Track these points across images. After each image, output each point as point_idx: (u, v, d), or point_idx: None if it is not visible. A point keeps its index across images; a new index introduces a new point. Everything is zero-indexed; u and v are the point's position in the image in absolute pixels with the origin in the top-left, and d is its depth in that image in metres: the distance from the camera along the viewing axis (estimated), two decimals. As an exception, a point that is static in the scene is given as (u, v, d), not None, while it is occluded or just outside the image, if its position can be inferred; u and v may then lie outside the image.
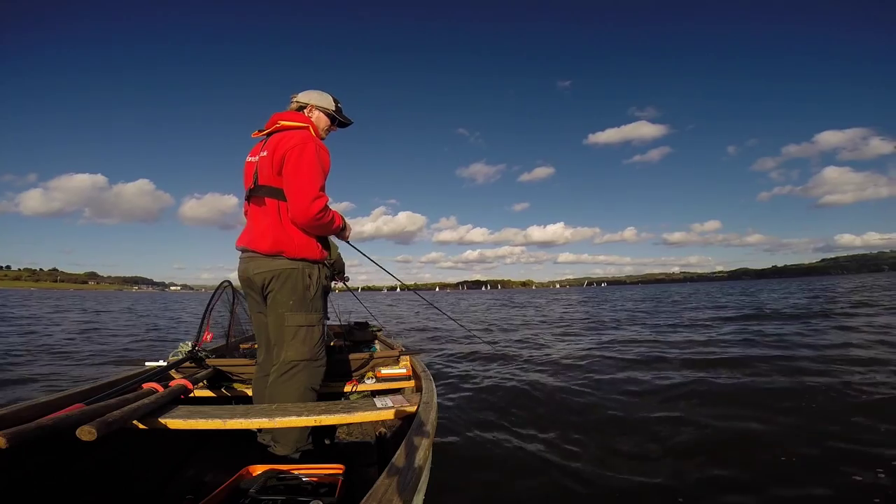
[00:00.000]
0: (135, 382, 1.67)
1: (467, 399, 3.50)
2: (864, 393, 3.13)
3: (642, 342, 6.25)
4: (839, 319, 8.01)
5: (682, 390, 3.48)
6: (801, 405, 2.95)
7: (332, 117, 1.94)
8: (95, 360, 5.59)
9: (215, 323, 2.69)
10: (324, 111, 1.91)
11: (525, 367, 4.71)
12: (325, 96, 1.92)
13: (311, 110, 1.88)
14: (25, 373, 4.61)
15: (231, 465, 1.60)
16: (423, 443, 1.07)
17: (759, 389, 3.40)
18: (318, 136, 1.86)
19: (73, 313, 15.69)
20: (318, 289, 1.79)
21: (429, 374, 1.95)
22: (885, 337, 5.66)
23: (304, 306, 1.73)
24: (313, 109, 1.89)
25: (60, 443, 1.30)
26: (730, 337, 6.35)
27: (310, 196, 1.62)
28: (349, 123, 2.04)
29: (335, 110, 1.93)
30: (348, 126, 2.06)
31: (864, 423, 2.57)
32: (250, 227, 1.79)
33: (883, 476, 1.95)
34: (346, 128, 2.07)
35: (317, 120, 1.88)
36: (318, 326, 1.78)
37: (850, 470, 2.01)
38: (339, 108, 1.96)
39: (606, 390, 3.59)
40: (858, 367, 3.95)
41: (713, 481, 2.00)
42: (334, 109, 1.93)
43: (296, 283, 1.71)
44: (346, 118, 2.00)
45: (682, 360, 4.63)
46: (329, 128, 1.95)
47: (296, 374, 1.70)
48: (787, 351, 4.90)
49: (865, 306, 10.54)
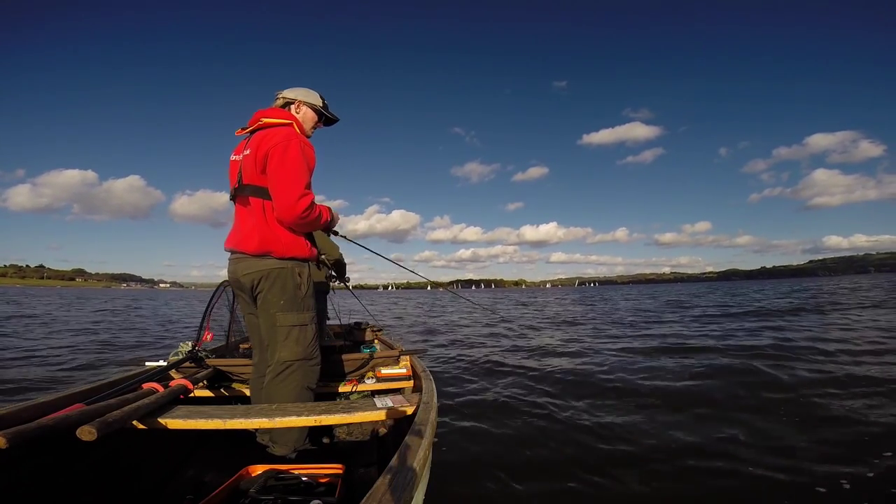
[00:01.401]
0: (135, 382, 1.67)
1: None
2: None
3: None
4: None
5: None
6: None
7: (320, 113, 1.90)
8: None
9: (215, 323, 2.69)
10: (311, 107, 1.86)
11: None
12: (311, 93, 1.88)
13: (299, 106, 1.84)
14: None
15: (231, 465, 1.60)
16: (423, 443, 1.07)
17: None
18: (304, 132, 1.82)
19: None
20: (309, 287, 1.76)
21: (429, 374, 1.95)
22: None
23: (296, 306, 1.71)
24: (301, 105, 1.84)
25: (60, 443, 1.30)
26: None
27: (295, 194, 1.57)
28: (336, 120, 2.00)
29: (322, 106, 1.89)
30: (335, 123, 2.02)
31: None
32: (237, 228, 1.75)
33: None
34: (333, 125, 2.03)
35: (303, 116, 1.85)
36: (311, 325, 1.76)
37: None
38: (326, 104, 1.92)
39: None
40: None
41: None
42: (321, 105, 1.89)
43: (285, 282, 1.68)
44: (332, 115, 1.96)
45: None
46: (316, 124, 1.92)
47: (291, 374, 1.69)
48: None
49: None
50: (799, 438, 2.44)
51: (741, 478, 2.03)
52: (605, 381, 3.89)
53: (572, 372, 4.34)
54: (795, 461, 2.16)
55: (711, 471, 2.10)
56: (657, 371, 4.25)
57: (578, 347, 6.07)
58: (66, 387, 1.70)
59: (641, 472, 2.11)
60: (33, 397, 1.44)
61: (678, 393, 3.48)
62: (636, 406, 3.17)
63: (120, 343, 7.23)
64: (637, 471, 2.11)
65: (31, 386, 3.94)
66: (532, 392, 3.63)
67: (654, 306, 15.60)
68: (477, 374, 4.50)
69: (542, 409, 3.17)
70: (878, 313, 9.20)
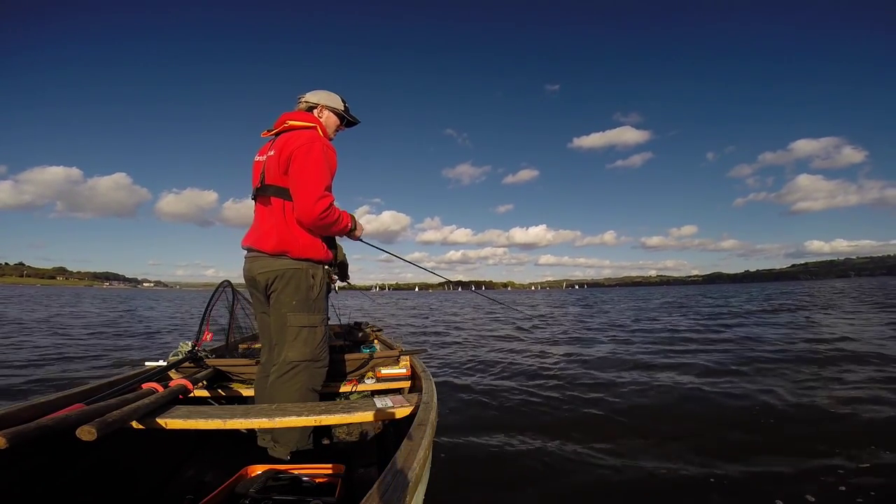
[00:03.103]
0: (135, 382, 1.67)
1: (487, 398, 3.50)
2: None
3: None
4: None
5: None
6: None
7: (342, 117, 1.94)
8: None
9: (214, 323, 2.68)
10: (333, 111, 1.91)
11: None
12: (333, 96, 1.92)
13: (322, 111, 1.88)
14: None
15: (231, 465, 1.60)
16: (423, 443, 1.07)
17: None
18: (327, 136, 1.86)
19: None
20: (322, 289, 1.78)
21: (429, 374, 1.95)
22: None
23: (307, 307, 1.72)
24: (323, 110, 1.88)
25: (60, 443, 1.30)
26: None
27: (315, 195, 1.61)
28: (357, 122, 2.04)
29: (344, 110, 1.93)
30: (356, 125, 2.06)
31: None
32: (256, 227, 1.79)
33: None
34: (354, 127, 2.07)
35: (326, 120, 1.88)
36: (321, 327, 1.77)
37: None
38: (347, 107, 1.96)
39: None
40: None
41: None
42: (343, 109, 1.93)
43: (299, 283, 1.70)
44: (354, 117, 2.00)
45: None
46: (338, 127, 1.96)
47: (296, 374, 1.69)
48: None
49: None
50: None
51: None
52: (593, 377, 3.90)
53: (577, 374, 4.34)
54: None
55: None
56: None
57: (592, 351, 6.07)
58: (65, 387, 1.70)
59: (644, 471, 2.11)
60: (33, 397, 1.44)
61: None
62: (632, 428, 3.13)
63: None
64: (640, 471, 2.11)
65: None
66: (539, 393, 3.63)
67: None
68: (476, 374, 4.50)
69: (542, 409, 3.17)
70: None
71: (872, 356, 4.58)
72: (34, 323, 10.00)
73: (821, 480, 1.96)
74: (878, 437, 2.42)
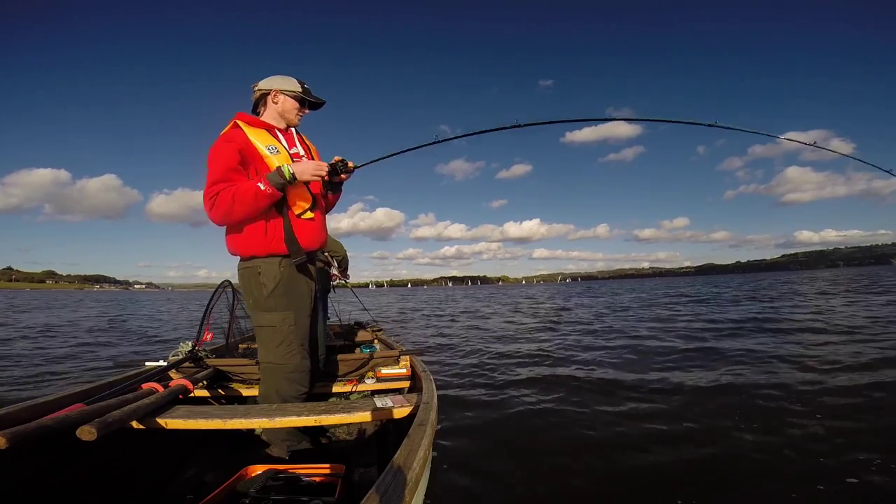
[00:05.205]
0: (135, 382, 1.67)
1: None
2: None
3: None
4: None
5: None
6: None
7: (301, 99, 1.78)
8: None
9: (214, 323, 2.69)
10: (290, 94, 1.76)
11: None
12: (287, 79, 1.77)
13: (276, 95, 1.75)
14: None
15: (231, 465, 1.60)
16: (423, 443, 1.07)
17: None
18: (290, 121, 1.80)
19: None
20: (276, 286, 1.66)
21: (429, 374, 1.95)
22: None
23: (260, 306, 1.68)
24: (278, 94, 1.75)
25: (60, 443, 1.30)
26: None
27: (205, 193, 1.58)
28: (322, 103, 1.87)
29: (302, 91, 1.77)
30: (321, 107, 1.89)
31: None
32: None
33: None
34: (320, 109, 1.90)
35: (283, 105, 1.76)
36: (284, 328, 1.67)
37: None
38: (307, 88, 1.80)
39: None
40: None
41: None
42: (301, 91, 1.77)
43: (248, 282, 1.69)
44: (316, 98, 1.84)
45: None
46: (299, 111, 1.80)
47: (264, 375, 1.73)
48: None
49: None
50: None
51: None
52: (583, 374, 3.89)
53: (586, 377, 4.34)
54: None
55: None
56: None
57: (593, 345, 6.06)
58: (65, 387, 1.71)
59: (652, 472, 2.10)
60: (33, 397, 1.44)
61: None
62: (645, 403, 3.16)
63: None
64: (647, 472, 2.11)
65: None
66: (545, 395, 3.63)
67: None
68: (477, 373, 4.49)
69: (545, 410, 3.16)
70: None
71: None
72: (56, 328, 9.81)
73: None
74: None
